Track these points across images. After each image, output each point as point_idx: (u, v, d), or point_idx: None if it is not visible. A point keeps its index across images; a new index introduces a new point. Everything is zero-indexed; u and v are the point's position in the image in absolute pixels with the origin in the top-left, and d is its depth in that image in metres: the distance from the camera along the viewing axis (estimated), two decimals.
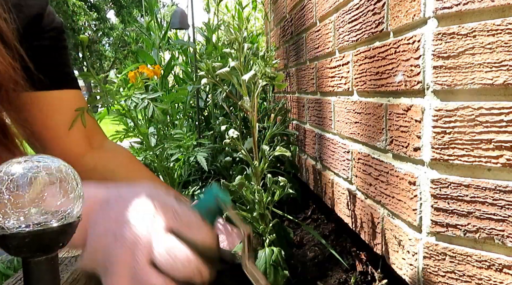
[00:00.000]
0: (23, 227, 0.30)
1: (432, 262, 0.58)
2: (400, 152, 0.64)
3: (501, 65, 0.48)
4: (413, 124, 0.59)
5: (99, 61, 19.49)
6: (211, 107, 1.63)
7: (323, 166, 1.09)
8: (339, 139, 0.94)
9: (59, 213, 0.32)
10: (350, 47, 0.84)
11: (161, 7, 1.71)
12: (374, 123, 0.73)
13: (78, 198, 0.33)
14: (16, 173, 0.30)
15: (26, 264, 0.31)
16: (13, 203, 0.30)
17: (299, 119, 1.36)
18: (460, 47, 0.51)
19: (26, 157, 0.32)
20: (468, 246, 0.54)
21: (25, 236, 0.30)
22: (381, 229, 0.73)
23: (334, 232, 1.05)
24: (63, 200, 0.32)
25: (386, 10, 0.66)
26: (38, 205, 0.31)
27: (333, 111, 0.96)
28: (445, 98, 0.54)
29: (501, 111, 0.48)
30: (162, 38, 1.61)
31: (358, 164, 0.82)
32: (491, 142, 0.50)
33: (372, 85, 0.73)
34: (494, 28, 0.48)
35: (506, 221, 0.49)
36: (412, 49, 0.58)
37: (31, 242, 0.30)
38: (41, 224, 0.31)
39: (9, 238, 0.30)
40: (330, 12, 0.94)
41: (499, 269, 0.51)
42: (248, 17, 1.95)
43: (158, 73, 1.32)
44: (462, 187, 0.53)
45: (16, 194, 0.30)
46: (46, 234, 0.31)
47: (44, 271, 0.31)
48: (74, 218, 0.33)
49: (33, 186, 0.31)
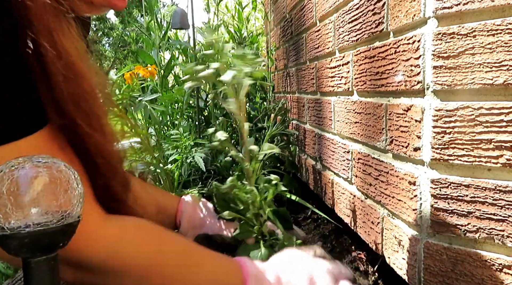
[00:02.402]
0: (23, 227, 0.30)
1: (432, 262, 0.58)
2: (400, 152, 0.64)
3: (501, 65, 0.48)
4: (413, 124, 0.59)
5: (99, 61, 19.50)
6: (211, 107, 1.63)
7: (323, 166, 1.09)
8: (339, 139, 0.94)
9: (59, 213, 0.32)
10: (350, 47, 0.84)
11: (161, 7, 1.71)
12: (374, 123, 0.73)
13: (78, 198, 0.33)
14: (17, 173, 0.31)
15: (26, 264, 0.31)
16: (13, 203, 0.30)
17: (299, 119, 1.36)
18: (460, 47, 0.51)
19: (26, 157, 0.32)
20: (468, 246, 0.54)
21: (25, 236, 0.30)
22: (381, 229, 0.73)
23: (334, 232, 1.05)
24: (63, 200, 0.32)
25: (386, 10, 0.66)
26: (38, 205, 0.31)
27: (333, 111, 0.96)
28: (445, 98, 0.54)
29: (501, 111, 0.48)
30: (162, 38, 1.61)
31: (358, 164, 0.82)
32: (491, 142, 0.50)
33: (372, 85, 0.73)
34: (494, 28, 0.48)
35: (506, 221, 0.49)
36: (412, 49, 0.58)
37: (31, 242, 0.30)
38: (41, 224, 0.31)
39: (9, 238, 0.30)
40: (330, 12, 0.94)
41: (499, 269, 0.51)
42: (248, 17, 1.95)
43: (154, 73, 1.32)
44: (462, 187, 0.53)
45: (16, 194, 0.30)
46: (46, 234, 0.31)
47: (44, 271, 0.31)
48: (74, 218, 0.33)
49: (33, 186, 0.31)
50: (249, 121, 1.52)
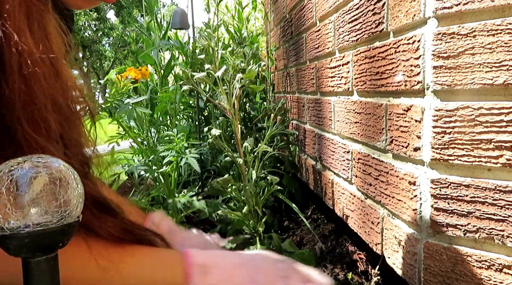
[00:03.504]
0: (22, 227, 0.30)
1: (432, 262, 0.58)
2: (400, 152, 0.64)
3: (501, 65, 0.48)
4: (413, 124, 0.59)
5: (99, 61, 19.52)
6: (211, 107, 1.63)
7: (323, 166, 1.09)
8: (339, 139, 0.94)
9: (59, 213, 0.32)
10: (350, 47, 0.84)
11: (161, 7, 1.71)
12: (374, 123, 0.73)
13: (78, 198, 0.33)
14: (16, 173, 0.30)
15: (26, 264, 0.31)
16: (13, 203, 0.30)
17: (299, 119, 1.36)
18: (460, 47, 0.51)
19: (26, 157, 0.32)
20: (468, 246, 0.54)
21: (25, 236, 0.30)
22: (381, 229, 0.73)
23: (334, 232, 1.05)
24: (63, 200, 0.32)
25: (386, 10, 0.66)
26: (37, 205, 0.31)
27: (333, 111, 0.96)
28: (445, 98, 0.54)
29: (501, 111, 0.48)
30: (162, 38, 1.61)
31: (358, 164, 0.82)
32: (491, 142, 0.50)
33: (372, 85, 0.73)
34: (494, 28, 0.48)
35: (506, 221, 0.49)
36: (412, 49, 0.58)
37: (31, 242, 0.30)
38: (41, 224, 0.31)
39: (9, 238, 0.30)
40: (330, 12, 0.94)
41: (499, 269, 0.51)
42: (248, 17, 1.95)
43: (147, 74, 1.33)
44: (462, 187, 0.53)
45: (16, 194, 0.30)
46: (46, 234, 0.31)
47: (44, 271, 0.31)
48: (74, 218, 0.33)
49: (33, 186, 0.31)
50: (249, 121, 1.52)
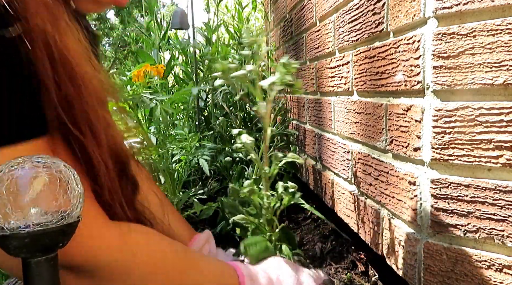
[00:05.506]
0: (23, 227, 0.30)
1: (432, 262, 0.58)
2: (400, 152, 0.64)
3: (501, 65, 0.48)
4: (413, 124, 0.59)
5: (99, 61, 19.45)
6: (211, 107, 1.63)
7: (323, 166, 1.09)
8: (339, 140, 0.94)
9: (59, 213, 0.32)
10: (350, 47, 0.84)
11: (161, 7, 1.71)
12: (374, 123, 0.73)
13: (78, 198, 0.33)
14: (16, 173, 0.30)
15: (26, 264, 0.31)
16: (13, 203, 0.30)
17: (299, 119, 1.36)
18: (460, 47, 0.51)
19: (25, 157, 0.32)
20: (468, 246, 0.54)
21: (25, 236, 0.30)
22: (381, 229, 0.73)
23: (334, 232, 1.05)
24: (63, 200, 0.32)
25: (386, 10, 0.66)
26: (37, 205, 0.31)
27: (333, 111, 0.96)
28: (445, 98, 0.54)
29: (501, 111, 0.48)
30: (162, 38, 1.61)
31: (358, 164, 0.82)
32: (491, 142, 0.50)
33: (372, 85, 0.73)
34: (494, 28, 0.48)
35: (506, 221, 0.49)
36: (412, 49, 0.58)
37: (31, 242, 0.30)
38: (41, 224, 0.31)
39: (9, 238, 0.30)
40: (330, 12, 0.94)
41: (499, 269, 0.51)
42: (248, 17, 1.95)
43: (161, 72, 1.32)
44: (462, 187, 0.53)
45: (16, 194, 0.30)
46: (46, 234, 0.31)
47: (44, 271, 0.31)
48: (74, 218, 0.33)
49: (33, 186, 0.31)
50: (249, 121, 1.52)
